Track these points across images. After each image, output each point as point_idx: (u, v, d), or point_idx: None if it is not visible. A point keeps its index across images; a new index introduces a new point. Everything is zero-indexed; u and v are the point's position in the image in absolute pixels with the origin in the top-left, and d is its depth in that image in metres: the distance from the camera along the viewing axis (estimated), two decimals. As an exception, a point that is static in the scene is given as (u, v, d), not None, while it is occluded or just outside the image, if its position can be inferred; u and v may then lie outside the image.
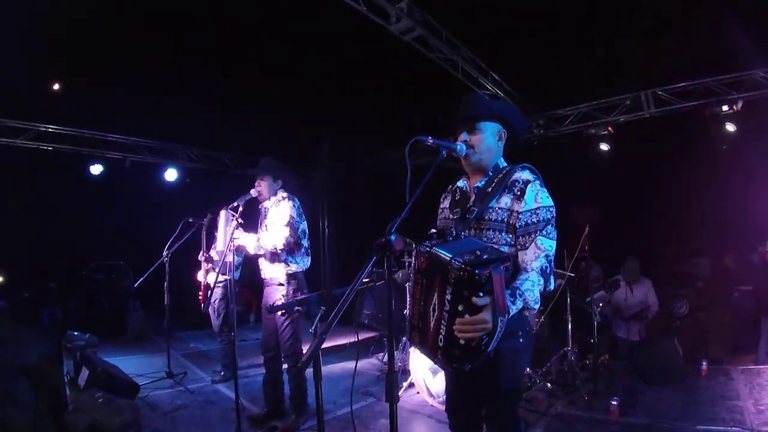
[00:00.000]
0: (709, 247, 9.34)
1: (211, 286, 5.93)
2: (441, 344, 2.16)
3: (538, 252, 2.35)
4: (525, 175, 2.51)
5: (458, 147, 2.48)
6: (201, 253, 5.94)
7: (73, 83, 8.44)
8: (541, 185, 2.48)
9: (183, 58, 7.39)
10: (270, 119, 9.34)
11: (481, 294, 1.97)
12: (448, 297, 2.10)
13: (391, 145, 9.66)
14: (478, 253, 2.08)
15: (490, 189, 2.54)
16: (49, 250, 10.40)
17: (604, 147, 8.43)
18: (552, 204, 2.46)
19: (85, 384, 4.61)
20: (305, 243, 4.76)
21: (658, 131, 8.41)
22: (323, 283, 11.38)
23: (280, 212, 4.65)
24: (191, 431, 4.46)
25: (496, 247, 2.33)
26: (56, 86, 8.77)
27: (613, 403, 4.76)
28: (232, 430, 4.13)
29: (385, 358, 6.59)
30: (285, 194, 4.79)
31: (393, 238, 1.99)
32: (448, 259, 2.08)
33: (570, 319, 5.77)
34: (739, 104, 7.13)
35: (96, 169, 9.41)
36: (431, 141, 2.35)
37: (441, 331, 2.15)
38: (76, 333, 6.65)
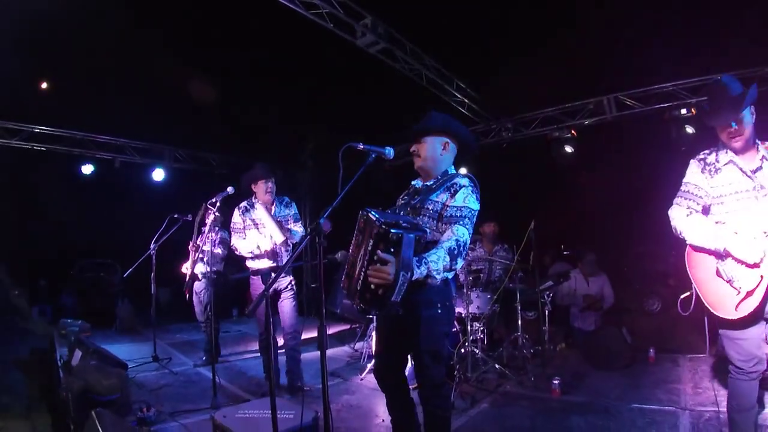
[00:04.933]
0: (680, 246, 9.70)
1: (199, 277, 6.47)
2: (359, 288, 2.71)
3: (452, 235, 2.86)
4: (463, 181, 3.10)
5: (386, 151, 2.96)
6: (191, 243, 6.47)
7: (63, 85, 8.70)
8: (472, 191, 3.06)
9: (172, 62, 7.65)
10: (254, 123, 9.72)
11: (392, 250, 2.52)
12: (369, 248, 2.64)
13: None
14: (400, 221, 2.65)
15: (434, 187, 3.14)
16: (40, 248, 10.75)
17: (568, 149, 8.89)
18: (476, 208, 3.04)
19: (78, 364, 5.02)
20: None
21: (625, 133, 8.84)
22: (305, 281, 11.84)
23: (291, 212, 5.35)
24: (173, 404, 4.90)
25: (419, 224, 2.90)
26: (44, 85, 9.01)
27: (555, 382, 5.19)
28: (209, 403, 4.67)
29: (356, 346, 7.11)
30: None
31: (322, 221, 2.53)
32: (375, 219, 2.63)
33: (520, 307, 6.24)
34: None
35: (87, 169, 9.73)
36: (361, 146, 2.87)
37: (360, 276, 2.70)
38: (69, 320, 7.11)
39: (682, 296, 3.21)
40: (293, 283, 5.33)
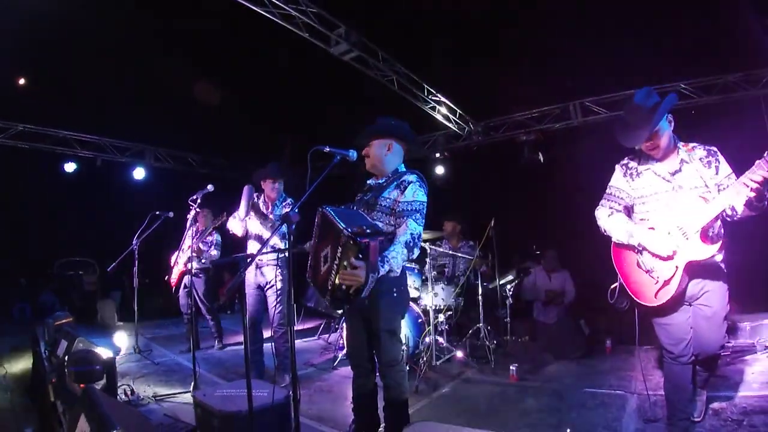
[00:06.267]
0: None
1: (193, 271, 6.81)
2: (329, 287, 3.06)
3: (406, 229, 3.24)
4: (411, 177, 3.47)
5: (350, 153, 3.28)
6: (190, 244, 6.85)
7: (45, 83, 8.64)
8: (420, 186, 3.43)
9: (153, 63, 7.87)
10: (233, 124, 9.95)
11: (360, 257, 2.86)
12: (338, 254, 2.97)
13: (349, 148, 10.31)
14: (364, 227, 2.98)
15: (385, 185, 3.52)
16: (21, 246, 10.80)
17: (535, 152, 9.30)
18: (424, 200, 3.41)
19: (63, 352, 5.25)
20: None
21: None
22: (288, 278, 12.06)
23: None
24: (156, 390, 5.24)
25: (378, 224, 3.26)
26: (21, 81, 8.93)
27: (513, 368, 5.56)
28: (190, 387, 4.94)
29: (330, 339, 7.45)
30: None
31: (292, 213, 2.87)
32: (342, 227, 2.94)
33: (482, 301, 6.60)
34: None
35: (70, 167, 9.93)
36: (327, 149, 3.21)
37: (331, 277, 3.04)
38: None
39: (611, 287, 3.56)
40: (281, 276, 5.48)
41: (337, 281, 2.99)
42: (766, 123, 7.45)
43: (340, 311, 6.26)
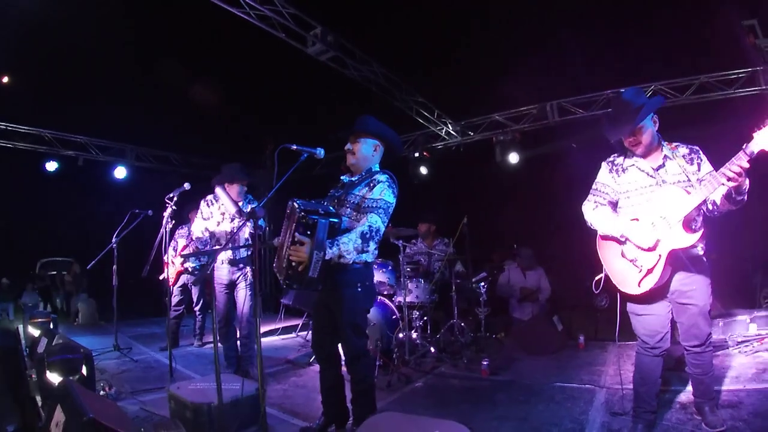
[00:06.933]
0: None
1: (189, 269, 7.04)
2: (284, 265, 3.21)
3: (365, 221, 3.35)
4: (381, 177, 3.57)
5: (317, 151, 3.41)
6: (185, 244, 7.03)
7: (26, 82, 8.80)
8: (389, 186, 3.53)
9: (134, 63, 8.00)
10: (215, 125, 10.00)
11: (308, 233, 3.03)
12: (292, 231, 3.13)
13: (331, 149, 10.40)
14: (318, 209, 3.16)
15: (357, 182, 3.63)
16: (2, 246, 10.84)
17: (511, 152, 9.45)
18: (391, 201, 3.52)
19: (44, 350, 5.31)
20: None
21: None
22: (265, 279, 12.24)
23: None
24: (133, 385, 5.29)
25: (337, 212, 3.40)
26: (5, 79, 9.06)
27: (484, 363, 5.68)
28: (167, 384, 4.98)
29: (308, 336, 7.53)
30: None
31: (257, 209, 3.05)
32: (297, 206, 3.13)
33: (455, 296, 6.74)
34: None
35: (51, 166, 9.88)
36: (294, 147, 3.33)
37: (285, 255, 3.19)
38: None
39: (595, 278, 3.66)
40: (249, 274, 5.63)
41: (288, 257, 3.14)
42: (743, 124, 7.57)
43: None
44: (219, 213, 5.57)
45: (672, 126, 3.63)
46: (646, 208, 3.33)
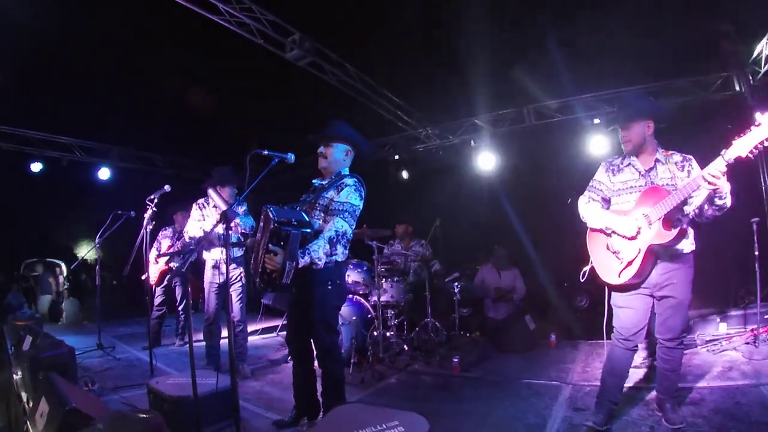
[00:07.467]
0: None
1: (174, 269, 7.14)
2: (260, 271, 3.41)
3: (332, 226, 3.55)
4: (349, 181, 3.78)
5: (288, 156, 3.53)
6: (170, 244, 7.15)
7: (9, 83, 8.47)
8: (355, 190, 3.73)
9: (117, 63, 7.99)
10: (198, 127, 10.08)
11: (282, 244, 3.23)
12: (266, 240, 3.33)
13: (310, 151, 10.47)
14: (292, 219, 3.35)
15: (326, 185, 3.83)
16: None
17: (488, 154, 9.65)
18: (357, 204, 3.72)
19: (29, 348, 5.44)
20: None
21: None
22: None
23: (242, 209, 5.80)
24: (116, 382, 5.48)
25: (308, 220, 3.56)
26: None
27: (455, 360, 5.91)
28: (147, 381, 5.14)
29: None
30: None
31: (229, 212, 3.16)
32: (272, 217, 3.32)
33: (429, 296, 6.91)
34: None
35: (36, 167, 9.98)
36: (265, 152, 3.48)
37: (260, 261, 3.39)
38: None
39: (583, 269, 3.89)
40: (242, 275, 5.85)
41: (263, 264, 3.36)
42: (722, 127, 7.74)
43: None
44: (217, 213, 5.70)
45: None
46: (633, 205, 3.59)
